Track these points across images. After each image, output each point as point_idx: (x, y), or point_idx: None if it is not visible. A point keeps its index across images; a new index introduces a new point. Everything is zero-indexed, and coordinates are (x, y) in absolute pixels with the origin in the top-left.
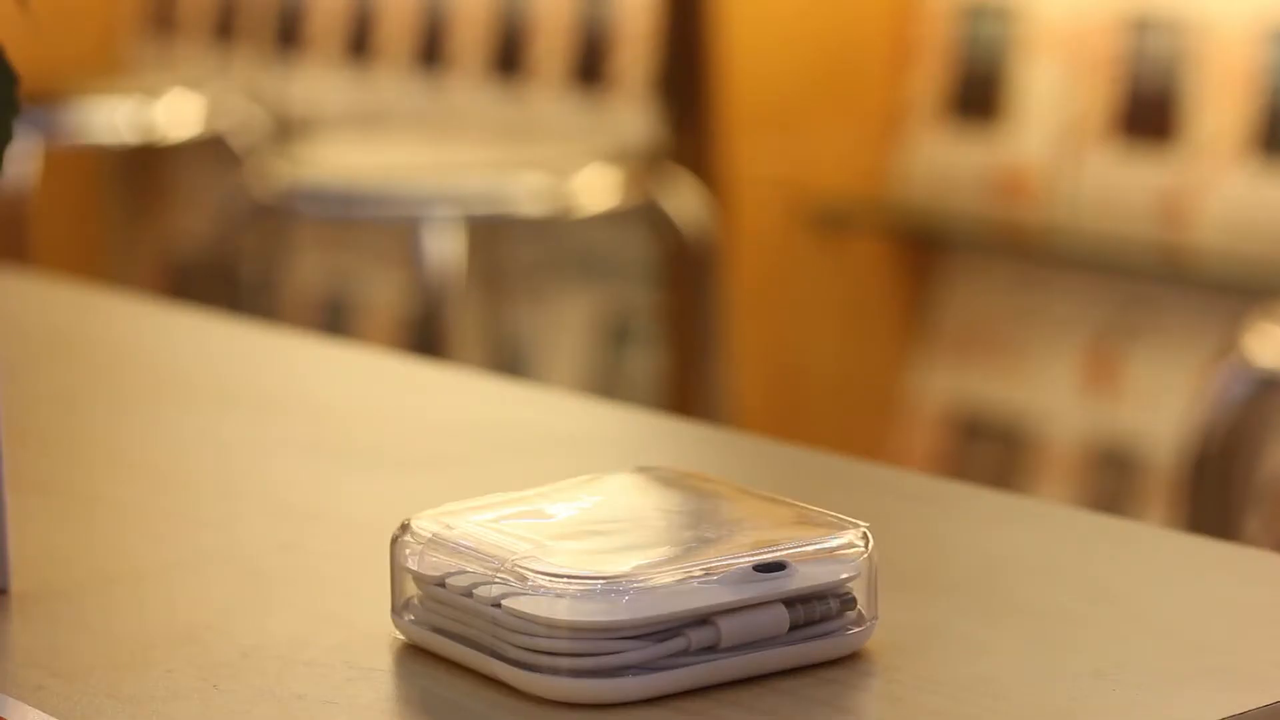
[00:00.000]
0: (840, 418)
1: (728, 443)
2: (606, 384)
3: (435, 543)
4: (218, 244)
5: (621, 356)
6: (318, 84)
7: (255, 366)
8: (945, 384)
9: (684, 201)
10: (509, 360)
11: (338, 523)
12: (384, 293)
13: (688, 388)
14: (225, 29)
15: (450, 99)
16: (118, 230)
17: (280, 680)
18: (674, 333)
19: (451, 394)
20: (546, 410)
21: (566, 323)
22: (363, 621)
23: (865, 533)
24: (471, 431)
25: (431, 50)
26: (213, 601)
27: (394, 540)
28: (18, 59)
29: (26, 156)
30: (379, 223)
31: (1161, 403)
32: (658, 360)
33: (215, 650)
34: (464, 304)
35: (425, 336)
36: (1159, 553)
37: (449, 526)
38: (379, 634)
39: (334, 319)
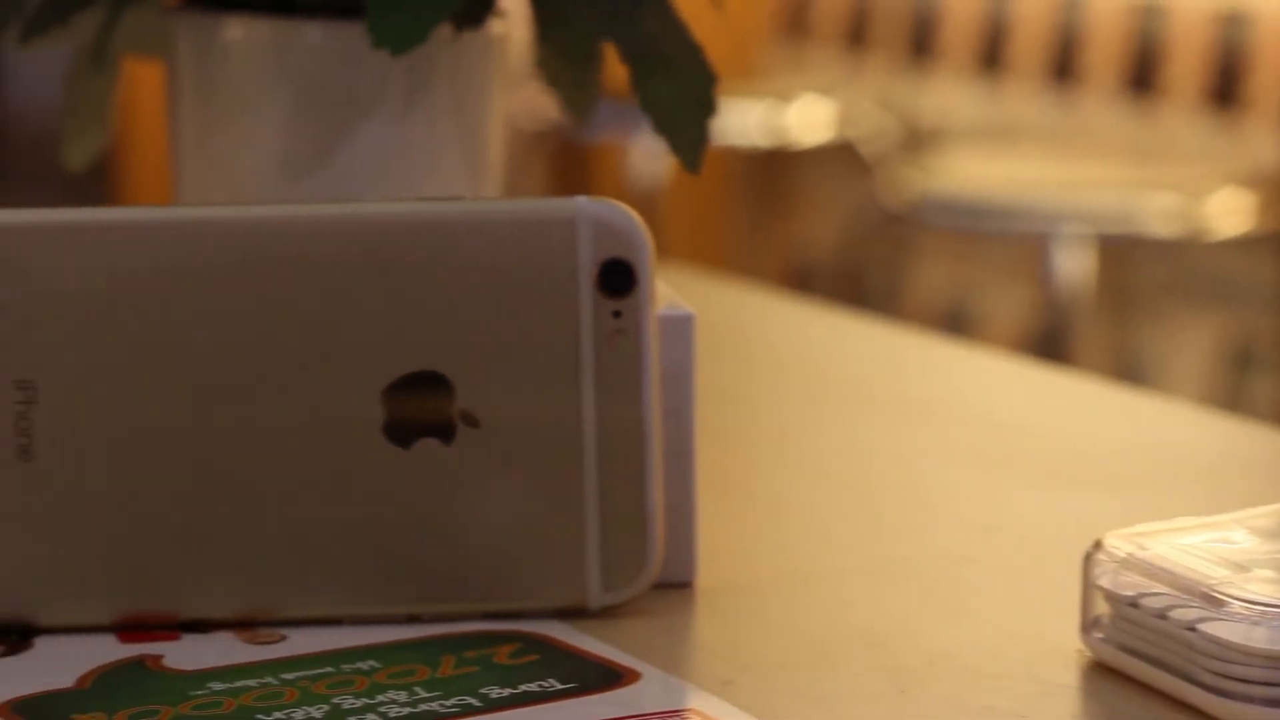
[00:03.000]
0: None
1: None
2: (1228, 410)
3: (1129, 563)
4: (843, 250)
5: (1244, 383)
6: (948, 94)
7: (914, 373)
8: None
9: None
10: (1130, 380)
11: (1016, 536)
12: (1007, 307)
13: None
14: (858, 36)
15: (1081, 115)
16: (744, 231)
17: (968, 690)
18: None
19: (1111, 411)
20: (1209, 433)
21: (1189, 346)
22: (1048, 637)
23: None
24: (1137, 451)
25: (1064, 65)
26: (895, 608)
27: (1086, 557)
28: None
29: (665, 155)
30: (1007, 237)
31: None
32: None
33: (901, 656)
34: (1089, 322)
35: (1048, 353)
36: None
37: (1142, 547)
38: (1065, 650)
39: (954, 330)
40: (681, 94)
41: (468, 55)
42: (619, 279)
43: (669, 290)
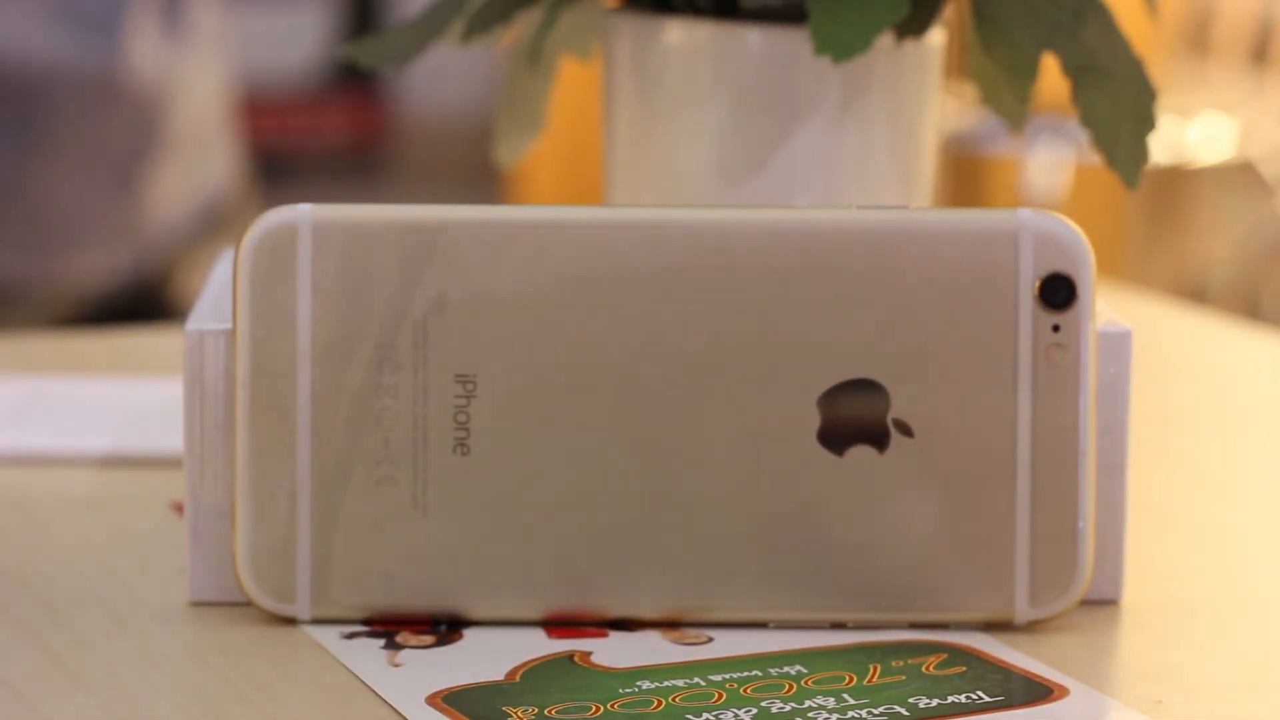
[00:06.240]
0: None
1: None
2: None
3: None
4: (1239, 270)
5: None
6: None
7: None
8: None
9: None
10: None
11: None
12: None
13: None
14: (1261, 54)
15: None
16: (1137, 248)
17: None
18: None
19: None
20: None
21: None
22: None
23: None
24: None
25: None
26: None
27: None
28: None
29: (1061, 169)
30: None
31: None
32: None
33: None
34: None
35: None
36: None
37: None
38: None
39: None
40: (1123, 109)
41: (906, 64)
42: (1060, 292)
43: (1104, 305)
